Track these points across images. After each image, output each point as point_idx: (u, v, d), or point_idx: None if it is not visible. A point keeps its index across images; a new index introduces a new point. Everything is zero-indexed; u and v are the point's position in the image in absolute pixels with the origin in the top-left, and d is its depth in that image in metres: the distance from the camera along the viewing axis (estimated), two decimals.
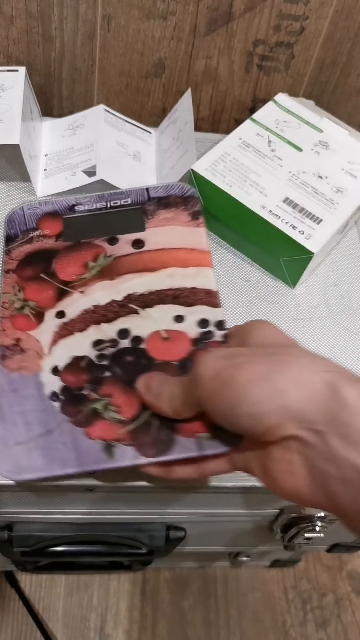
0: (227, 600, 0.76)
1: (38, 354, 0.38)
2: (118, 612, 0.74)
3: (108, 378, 0.37)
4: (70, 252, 0.42)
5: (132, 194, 0.45)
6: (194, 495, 0.43)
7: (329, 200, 0.46)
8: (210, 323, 0.39)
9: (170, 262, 0.42)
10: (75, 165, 0.50)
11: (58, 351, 0.38)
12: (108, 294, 0.40)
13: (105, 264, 0.42)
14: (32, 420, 0.36)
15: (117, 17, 0.53)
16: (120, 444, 0.34)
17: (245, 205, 0.44)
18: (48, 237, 0.43)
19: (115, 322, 0.39)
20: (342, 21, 0.54)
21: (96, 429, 0.35)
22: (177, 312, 0.39)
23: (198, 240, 0.43)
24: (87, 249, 0.43)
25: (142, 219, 0.44)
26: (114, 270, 0.41)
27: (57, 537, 0.48)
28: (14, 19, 0.52)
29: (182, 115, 0.51)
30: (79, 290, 0.41)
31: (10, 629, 0.71)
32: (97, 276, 0.41)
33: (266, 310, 0.46)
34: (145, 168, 0.52)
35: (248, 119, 0.50)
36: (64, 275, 0.41)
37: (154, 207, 0.44)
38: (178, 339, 0.38)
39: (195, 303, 0.40)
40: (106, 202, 0.45)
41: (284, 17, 0.53)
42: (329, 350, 0.44)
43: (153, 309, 0.39)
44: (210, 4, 0.52)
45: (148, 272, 0.41)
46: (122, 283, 0.41)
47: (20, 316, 0.40)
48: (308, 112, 0.52)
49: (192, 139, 0.48)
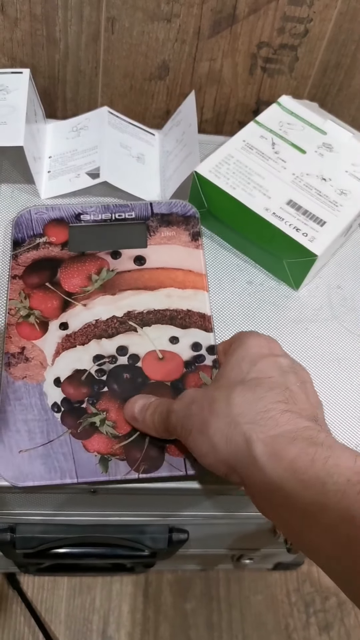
0: (229, 603, 0.76)
1: (42, 364, 0.39)
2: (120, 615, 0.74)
3: (106, 393, 0.38)
4: (75, 263, 0.43)
5: (137, 208, 0.47)
6: (197, 498, 0.43)
7: (332, 203, 0.46)
8: (202, 347, 0.40)
9: (168, 282, 0.43)
10: (79, 167, 0.50)
11: (60, 363, 0.39)
12: (109, 309, 0.42)
13: (108, 278, 0.43)
14: (34, 429, 0.37)
15: (121, 20, 0.53)
16: (115, 459, 0.36)
17: (248, 208, 0.44)
18: (54, 245, 0.44)
19: (115, 339, 0.40)
20: (346, 23, 0.54)
21: (93, 442, 0.37)
22: (173, 334, 0.41)
23: (196, 263, 0.44)
24: (91, 261, 0.44)
25: (145, 235, 0.45)
26: (115, 285, 0.43)
27: (59, 539, 0.48)
28: (18, 22, 0.52)
29: (186, 117, 0.51)
30: (82, 302, 0.42)
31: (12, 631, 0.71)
32: (100, 290, 0.42)
33: (269, 312, 0.46)
34: (148, 170, 0.52)
35: (252, 121, 0.50)
36: (68, 286, 0.42)
37: (157, 224, 0.46)
38: (172, 360, 0.40)
39: (190, 326, 0.41)
40: (111, 213, 0.46)
41: (288, 19, 0.53)
42: (333, 352, 0.44)
43: (150, 328, 0.41)
44: (214, 6, 0.52)
45: (147, 290, 0.42)
46: (123, 299, 0.42)
47: (26, 324, 0.41)
48: (312, 114, 0.52)
49: (195, 141, 0.48)
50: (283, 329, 0.45)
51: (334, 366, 0.43)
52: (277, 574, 0.78)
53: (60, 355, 0.40)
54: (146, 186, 0.51)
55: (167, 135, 0.54)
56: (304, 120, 0.51)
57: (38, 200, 0.49)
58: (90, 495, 0.39)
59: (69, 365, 0.39)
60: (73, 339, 0.40)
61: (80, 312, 0.41)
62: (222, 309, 0.45)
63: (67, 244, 0.44)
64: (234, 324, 0.44)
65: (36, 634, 0.71)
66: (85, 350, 0.40)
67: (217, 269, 0.47)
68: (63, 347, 0.40)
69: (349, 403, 0.42)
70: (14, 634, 0.71)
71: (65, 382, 0.39)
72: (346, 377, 0.43)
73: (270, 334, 0.44)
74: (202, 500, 0.43)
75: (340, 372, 0.43)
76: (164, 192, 0.51)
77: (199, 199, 0.48)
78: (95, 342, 0.40)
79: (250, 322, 0.45)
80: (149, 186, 0.51)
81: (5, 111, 0.47)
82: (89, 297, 0.42)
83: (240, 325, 0.44)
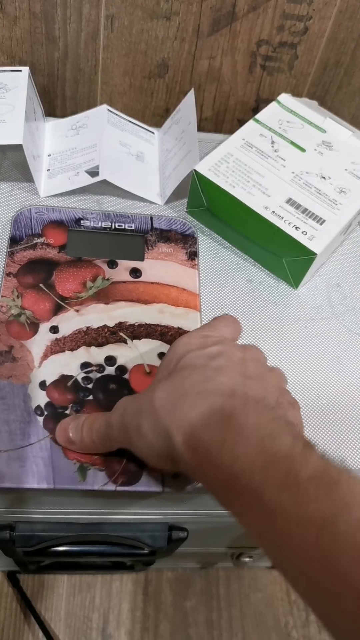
0: (229, 601, 0.76)
1: (29, 366, 0.39)
2: (120, 613, 0.74)
3: (90, 401, 0.38)
4: (71, 268, 0.43)
5: (137, 220, 0.47)
6: (197, 496, 0.43)
7: (332, 201, 0.46)
8: None
9: (161, 298, 0.43)
10: (78, 165, 0.50)
11: (48, 366, 0.39)
12: (101, 317, 0.41)
13: (103, 287, 0.43)
14: (15, 430, 0.36)
15: (120, 18, 0.53)
16: (94, 468, 0.36)
17: (247, 206, 0.44)
18: (51, 247, 0.44)
19: (104, 348, 0.40)
20: (346, 21, 0.54)
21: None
22: (162, 350, 0.41)
23: (191, 282, 0.44)
24: (87, 268, 0.44)
25: (143, 248, 0.45)
26: (109, 295, 0.43)
27: (59, 537, 0.48)
28: (17, 20, 0.52)
29: (185, 115, 0.51)
30: (75, 308, 0.42)
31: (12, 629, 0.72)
32: (93, 297, 0.42)
33: (269, 311, 0.45)
34: (148, 168, 0.52)
35: (251, 120, 0.50)
36: (62, 290, 0.42)
37: (155, 239, 0.46)
38: None
39: None
40: (111, 222, 0.46)
41: (287, 17, 0.53)
42: (332, 351, 0.44)
43: (140, 341, 0.41)
44: (213, 4, 0.52)
45: (141, 304, 0.43)
46: (116, 309, 0.42)
47: (16, 323, 0.40)
48: (311, 113, 0.52)
49: (195, 139, 0.48)
50: (283, 328, 0.45)
51: (334, 365, 0.43)
52: (277, 572, 0.78)
53: (48, 359, 0.39)
54: (145, 184, 0.51)
55: (166, 134, 0.54)
56: (304, 119, 0.51)
57: (37, 198, 0.49)
58: (90, 494, 0.39)
59: (56, 370, 0.39)
60: (62, 343, 0.40)
61: (72, 318, 0.41)
62: (221, 307, 0.45)
63: (65, 248, 0.44)
64: None
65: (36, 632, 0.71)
66: (73, 356, 0.40)
67: (216, 267, 0.47)
68: (52, 350, 0.40)
69: (348, 402, 0.42)
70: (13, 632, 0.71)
71: (50, 386, 0.38)
72: (346, 375, 0.43)
73: (270, 332, 0.44)
74: (201, 498, 0.43)
75: (340, 370, 0.43)
76: (163, 190, 0.50)
77: (199, 198, 0.47)
78: (85, 349, 0.40)
79: (249, 320, 0.45)
80: (148, 184, 0.51)
81: (4, 109, 0.47)
82: (82, 303, 0.42)
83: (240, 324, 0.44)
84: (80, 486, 0.35)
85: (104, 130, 0.51)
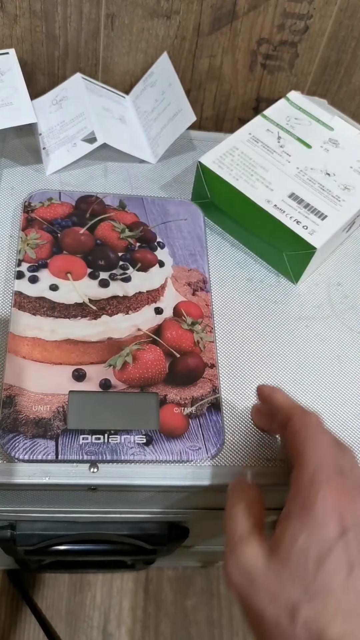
0: (230, 600, 0.76)
1: None
2: (121, 611, 0.74)
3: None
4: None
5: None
6: (198, 494, 0.43)
7: (335, 197, 0.46)
8: None
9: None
10: (72, 136, 0.50)
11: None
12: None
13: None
14: None
15: (121, 16, 0.53)
16: None
17: (250, 199, 0.44)
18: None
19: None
20: (347, 20, 0.54)
21: None
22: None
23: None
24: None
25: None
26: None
27: (60, 536, 0.48)
28: (17, 18, 0.52)
29: (162, 77, 0.53)
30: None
31: (13, 628, 0.72)
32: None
33: (270, 309, 0.45)
34: (132, 130, 0.54)
35: (259, 115, 0.50)
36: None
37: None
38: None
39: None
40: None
41: (288, 15, 0.53)
42: (333, 349, 0.44)
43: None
44: (214, 2, 0.52)
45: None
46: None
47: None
48: (320, 110, 0.52)
49: (182, 98, 0.50)
50: (283, 326, 0.45)
51: (335, 363, 0.43)
52: None
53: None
54: (137, 145, 0.52)
55: (139, 98, 0.55)
56: (312, 116, 0.51)
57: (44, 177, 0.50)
58: (91, 492, 0.39)
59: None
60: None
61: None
62: (223, 306, 0.45)
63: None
64: (235, 322, 0.44)
65: (37, 631, 0.71)
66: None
67: (218, 265, 0.47)
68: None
69: (349, 401, 0.42)
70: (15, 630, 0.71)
71: None
72: (346, 374, 0.43)
73: (271, 331, 0.44)
74: (202, 496, 0.43)
75: (340, 369, 0.43)
76: (154, 150, 0.53)
77: (202, 190, 0.48)
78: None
79: (250, 319, 0.45)
80: (137, 145, 0.53)
81: (7, 92, 0.48)
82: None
83: (241, 323, 0.44)
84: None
85: (85, 98, 0.52)
